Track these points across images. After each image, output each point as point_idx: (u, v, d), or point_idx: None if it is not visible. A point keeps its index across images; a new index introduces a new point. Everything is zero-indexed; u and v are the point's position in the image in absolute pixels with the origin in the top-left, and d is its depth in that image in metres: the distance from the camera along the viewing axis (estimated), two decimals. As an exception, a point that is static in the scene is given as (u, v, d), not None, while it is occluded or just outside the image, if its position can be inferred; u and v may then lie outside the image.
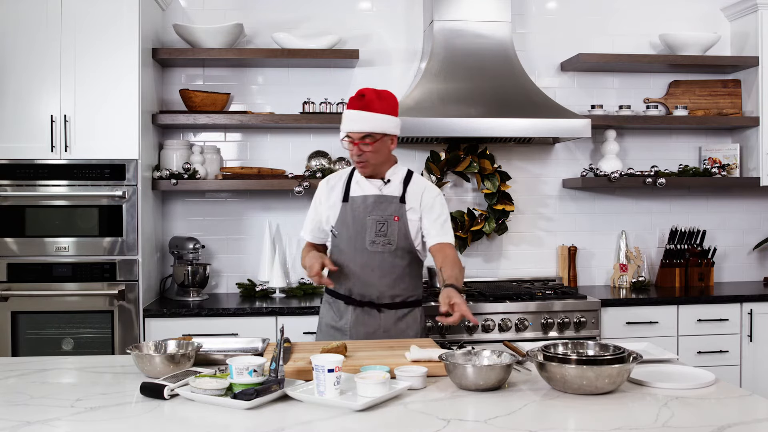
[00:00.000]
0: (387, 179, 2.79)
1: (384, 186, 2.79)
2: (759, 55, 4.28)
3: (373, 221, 2.74)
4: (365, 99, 2.67)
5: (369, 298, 2.78)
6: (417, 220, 2.77)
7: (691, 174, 4.33)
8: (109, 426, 1.83)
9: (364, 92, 2.68)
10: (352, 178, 2.84)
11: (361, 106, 2.66)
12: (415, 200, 2.77)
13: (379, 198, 2.76)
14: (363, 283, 2.77)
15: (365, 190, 2.79)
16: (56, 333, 3.62)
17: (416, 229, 2.77)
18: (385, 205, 2.76)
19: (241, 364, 2.01)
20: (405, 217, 2.76)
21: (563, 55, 4.40)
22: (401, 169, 2.84)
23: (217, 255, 4.25)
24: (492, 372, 2.07)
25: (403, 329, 2.80)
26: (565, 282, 4.37)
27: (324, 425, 1.84)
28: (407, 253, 2.78)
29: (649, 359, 2.39)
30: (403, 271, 2.79)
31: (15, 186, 3.60)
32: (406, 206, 2.76)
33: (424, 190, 2.80)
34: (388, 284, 2.77)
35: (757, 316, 3.94)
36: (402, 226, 2.75)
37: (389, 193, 2.77)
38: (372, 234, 2.74)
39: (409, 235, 2.76)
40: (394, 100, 2.74)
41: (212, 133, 4.27)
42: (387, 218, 2.74)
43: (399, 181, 2.80)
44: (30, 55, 3.60)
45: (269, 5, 4.28)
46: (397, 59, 4.35)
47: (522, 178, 4.43)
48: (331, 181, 2.90)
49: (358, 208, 2.77)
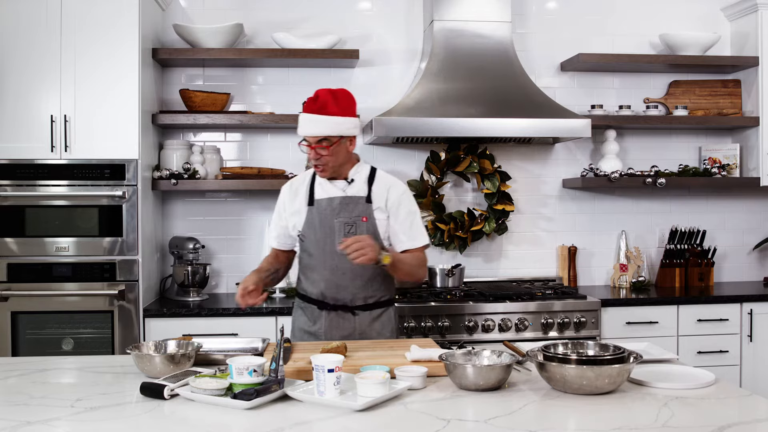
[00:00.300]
0: (350, 179, 2.75)
1: (348, 186, 2.74)
2: (759, 55, 4.28)
3: (340, 224, 2.70)
4: (319, 101, 2.62)
5: (342, 301, 2.76)
6: (385, 219, 2.73)
7: (691, 174, 4.33)
8: (109, 426, 1.83)
9: (318, 94, 2.65)
10: (315, 180, 2.80)
11: (316, 109, 2.62)
12: (381, 199, 2.73)
13: (344, 199, 2.72)
14: (335, 287, 2.74)
15: (329, 192, 2.75)
16: (56, 333, 3.62)
17: (384, 228, 2.74)
18: (352, 206, 2.72)
19: (241, 364, 2.01)
20: (373, 217, 2.72)
21: (563, 55, 4.40)
22: (364, 168, 2.80)
23: (217, 255, 4.25)
24: (492, 372, 2.07)
25: (379, 330, 2.79)
26: (565, 282, 4.37)
27: (324, 425, 1.84)
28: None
29: (649, 359, 2.39)
30: (375, 272, 2.75)
31: (15, 186, 3.60)
32: (373, 206, 2.72)
33: (389, 188, 2.76)
34: (361, 286, 2.75)
35: (757, 316, 3.94)
36: (370, 226, 2.71)
37: (354, 194, 2.73)
38: (341, 236, 2.68)
39: (378, 235, 2.72)
40: (351, 100, 2.70)
41: (212, 133, 4.27)
42: (355, 219, 2.70)
43: (363, 181, 2.76)
44: (30, 55, 3.60)
45: (269, 5, 4.28)
46: (397, 59, 4.35)
47: (522, 178, 4.43)
48: (294, 185, 2.85)
49: (324, 211, 2.72)
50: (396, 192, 2.76)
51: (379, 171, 2.82)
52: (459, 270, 4.12)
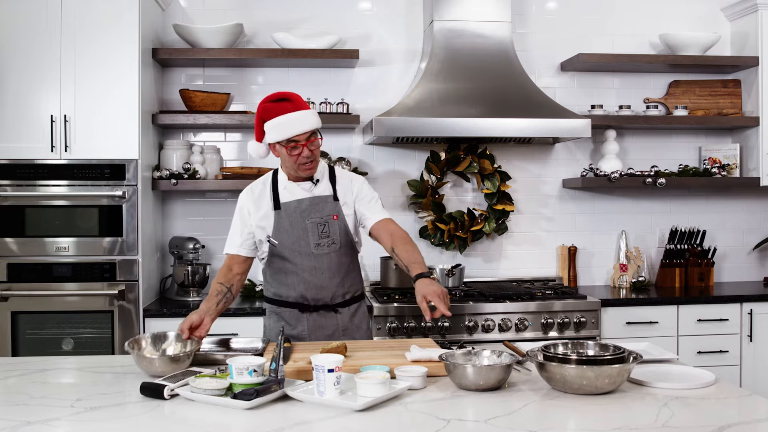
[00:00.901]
0: (316, 179, 2.74)
1: (314, 187, 2.74)
2: (759, 55, 4.28)
3: (313, 224, 2.71)
4: (294, 100, 2.62)
5: (323, 301, 2.77)
6: (352, 214, 2.77)
7: (691, 174, 4.33)
8: (109, 426, 1.83)
9: (282, 95, 2.63)
10: (278, 184, 2.77)
11: (294, 108, 2.62)
12: (347, 195, 2.77)
13: (313, 200, 2.73)
14: (315, 287, 2.75)
15: (296, 194, 2.74)
16: (56, 333, 3.62)
17: (353, 223, 2.78)
18: (321, 205, 2.73)
19: (241, 364, 2.02)
20: (342, 214, 2.74)
21: (563, 55, 4.40)
22: (324, 167, 2.81)
23: (217, 255, 4.25)
24: (492, 372, 2.07)
25: (358, 324, 2.84)
26: (565, 282, 4.37)
27: (324, 425, 1.84)
28: (350, 249, 2.80)
29: (649, 359, 2.39)
30: (349, 267, 2.80)
31: (15, 186, 3.60)
32: (341, 202, 2.75)
33: (351, 182, 2.80)
34: (339, 283, 2.77)
35: (757, 316, 3.94)
36: (341, 223, 2.74)
37: (321, 193, 2.74)
38: (315, 237, 2.71)
39: (349, 231, 2.76)
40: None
41: (212, 133, 4.27)
42: (326, 219, 2.72)
43: (326, 179, 2.78)
44: (30, 55, 3.60)
45: (269, 5, 4.28)
46: (397, 59, 4.35)
47: (522, 178, 4.43)
48: (256, 190, 2.80)
49: (293, 214, 2.72)
50: (357, 183, 2.81)
51: (337, 168, 2.85)
52: (459, 270, 4.12)
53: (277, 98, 2.64)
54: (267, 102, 2.67)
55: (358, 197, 2.78)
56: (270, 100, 2.66)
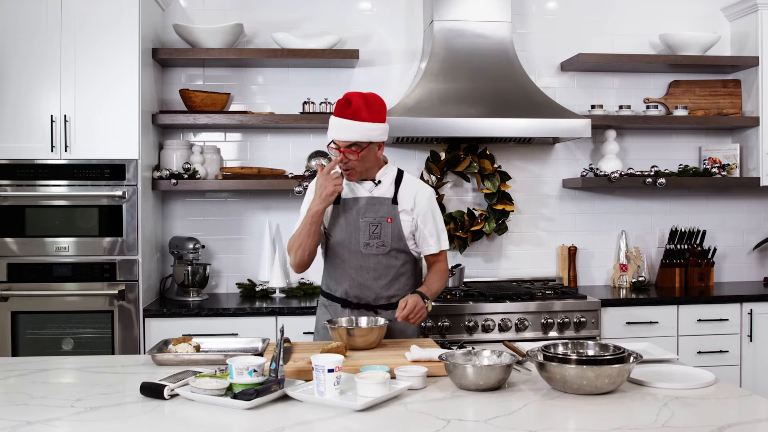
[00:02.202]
0: (378, 180, 2.76)
1: (375, 188, 2.76)
2: (759, 55, 4.28)
3: (366, 223, 2.72)
4: (353, 107, 2.60)
5: (365, 300, 2.77)
6: (410, 221, 2.75)
7: (691, 174, 4.33)
8: (109, 426, 1.83)
9: (351, 98, 2.62)
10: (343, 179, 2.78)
11: (349, 115, 2.60)
12: (408, 201, 2.75)
13: (370, 200, 2.74)
14: (359, 286, 2.76)
15: (356, 192, 2.76)
16: (56, 333, 3.62)
17: (409, 230, 2.75)
18: (378, 206, 2.73)
19: (241, 364, 2.02)
20: (398, 219, 2.73)
21: (563, 55, 4.40)
22: (392, 170, 2.81)
23: (217, 255, 4.25)
24: (492, 372, 2.07)
25: (402, 329, 2.80)
26: (565, 282, 4.37)
27: (324, 425, 1.84)
28: (401, 253, 2.77)
29: (649, 359, 2.39)
30: (398, 272, 2.78)
31: (15, 186, 3.60)
32: (399, 207, 2.74)
33: (417, 192, 2.78)
34: (384, 286, 2.76)
35: (757, 316, 3.94)
36: (395, 227, 2.73)
37: (380, 195, 2.75)
38: (365, 236, 2.71)
39: (402, 236, 2.74)
40: (382, 105, 2.68)
41: (212, 133, 4.27)
42: (380, 220, 2.72)
43: (390, 182, 2.77)
44: (30, 55, 3.60)
45: (269, 5, 4.28)
46: (397, 59, 4.35)
47: (522, 178, 4.43)
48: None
49: (350, 211, 2.74)
50: (424, 197, 2.79)
51: (406, 174, 2.84)
52: (459, 270, 4.12)
53: (345, 97, 2.63)
54: (339, 99, 2.66)
55: (421, 216, 2.76)
56: (341, 100, 2.64)
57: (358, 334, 2.48)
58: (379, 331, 2.52)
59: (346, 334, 2.47)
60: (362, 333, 2.49)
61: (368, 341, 2.49)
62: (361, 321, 2.65)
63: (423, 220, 2.77)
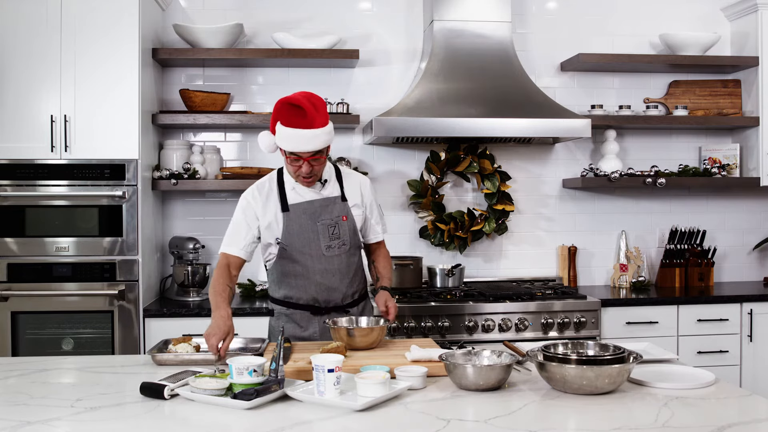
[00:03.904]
0: (324, 179, 2.72)
1: (323, 188, 2.73)
2: (759, 55, 4.28)
3: (323, 226, 2.70)
4: (308, 116, 2.50)
5: (334, 302, 2.77)
6: (360, 214, 2.80)
7: (691, 174, 4.33)
8: (109, 426, 1.83)
9: (300, 104, 2.50)
10: (284, 184, 2.73)
11: (307, 125, 2.50)
12: (356, 196, 2.79)
13: (323, 201, 2.71)
14: (326, 290, 2.74)
15: (305, 195, 2.70)
16: (56, 333, 3.62)
17: (360, 223, 2.81)
18: (331, 207, 2.72)
19: (241, 364, 2.02)
20: (351, 215, 2.76)
21: (563, 55, 4.40)
22: (330, 167, 2.79)
23: (217, 255, 4.23)
24: (492, 372, 2.07)
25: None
26: (565, 282, 4.37)
27: (324, 425, 1.84)
28: (357, 249, 2.82)
29: (649, 359, 2.39)
30: (357, 267, 2.83)
31: (15, 186, 3.60)
32: (349, 203, 2.76)
33: (360, 184, 2.82)
34: (348, 284, 2.79)
35: (757, 316, 3.94)
36: (350, 224, 2.75)
37: (329, 194, 2.74)
38: (326, 239, 2.70)
39: (357, 231, 2.80)
40: (324, 103, 2.62)
41: (212, 133, 4.27)
42: (336, 220, 2.72)
43: (334, 179, 2.77)
44: (30, 55, 3.60)
45: (269, 5, 4.28)
46: (397, 59, 4.35)
47: (522, 178, 4.43)
48: (263, 190, 2.74)
49: (303, 216, 2.69)
50: (367, 188, 2.85)
51: (342, 167, 2.86)
52: (459, 270, 4.12)
53: (291, 104, 2.52)
54: (285, 103, 2.54)
55: (368, 206, 2.83)
56: (288, 102, 2.53)
57: (359, 334, 2.48)
58: (380, 331, 2.53)
59: (347, 335, 2.47)
60: (363, 333, 2.49)
61: (369, 341, 2.49)
62: (361, 321, 2.66)
63: (370, 210, 2.84)
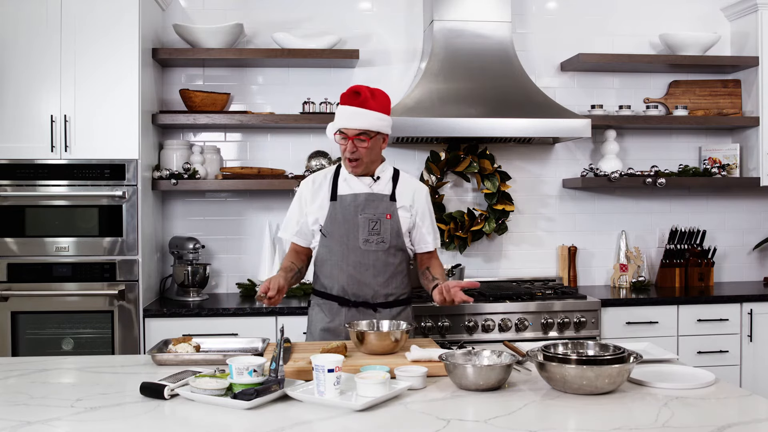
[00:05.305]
0: (377, 176, 2.76)
1: (374, 183, 2.76)
2: (759, 55, 4.28)
3: (365, 219, 2.72)
4: (362, 96, 2.65)
5: (363, 297, 2.76)
6: (408, 217, 2.77)
7: (691, 174, 4.33)
8: (109, 426, 1.83)
9: (359, 89, 2.66)
10: (339, 176, 2.80)
11: (358, 103, 2.64)
12: (406, 198, 2.77)
13: (370, 196, 2.74)
14: (357, 283, 2.75)
15: (354, 188, 2.75)
16: (56, 333, 3.62)
17: (407, 227, 2.77)
18: (377, 203, 2.74)
19: (241, 364, 2.02)
20: (396, 215, 2.74)
21: (563, 55, 4.40)
22: (388, 168, 2.83)
23: (217, 255, 4.25)
24: (492, 372, 2.07)
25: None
26: (565, 282, 4.37)
27: (324, 425, 1.84)
28: (399, 251, 2.78)
29: (649, 359, 2.39)
30: (396, 269, 2.79)
31: (15, 186, 3.60)
32: (397, 204, 2.75)
33: (415, 190, 2.81)
34: (382, 283, 2.76)
35: (757, 316, 3.94)
36: (394, 224, 2.74)
37: (379, 191, 2.76)
38: (365, 233, 2.71)
39: (401, 233, 2.76)
40: (387, 99, 2.74)
41: (212, 133, 4.27)
42: (379, 216, 2.72)
43: (388, 179, 2.79)
44: (30, 55, 3.60)
45: (269, 5, 4.28)
46: (397, 59, 4.35)
47: (522, 178, 4.43)
48: (317, 180, 2.84)
49: (348, 207, 2.73)
50: (422, 195, 2.83)
51: (402, 172, 2.87)
52: (459, 270, 4.12)
53: (353, 90, 2.67)
54: (347, 91, 2.69)
55: (420, 214, 2.80)
56: (349, 90, 2.68)
57: (376, 339, 2.39)
58: (399, 337, 2.41)
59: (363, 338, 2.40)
60: (380, 338, 2.40)
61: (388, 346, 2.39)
62: (382, 325, 2.54)
63: (421, 217, 2.81)
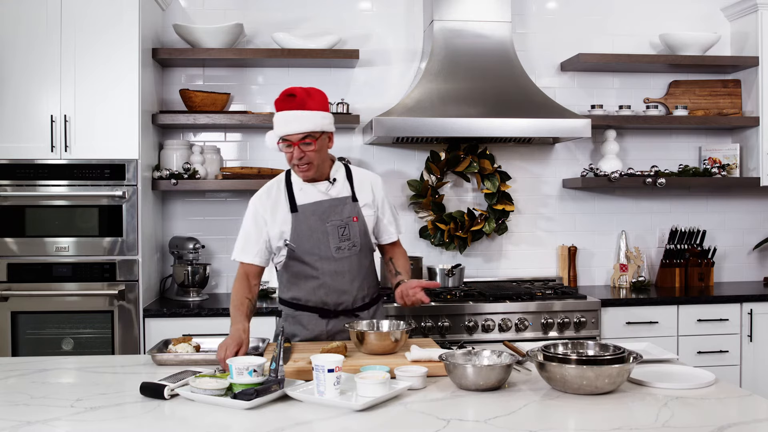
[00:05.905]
0: (333, 178, 2.68)
1: (331, 187, 2.68)
2: (759, 55, 4.28)
3: (333, 227, 2.64)
4: (298, 98, 2.53)
5: (344, 306, 2.71)
6: (372, 215, 2.73)
7: (691, 174, 4.33)
8: (109, 426, 1.83)
9: (293, 91, 2.55)
10: (292, 186, 2.69)
11: (296, 106, 2.53)
12: (366, 195, 2.72)
13: (333, 202, 2.66)
14: (337, 292, 2.68)
15: (312, 196, 2.66)
16: (56, 333, 3.62)
17: (372, 224, 2.74)
18: (340, 207, 2.67)
19: (241, 364, 2.02)
20: (362, 215, 2.69)
21: (563, 55, 4.40)
22: (340, 167, 2.75)
23: (217, 255, 4.25)
24: (492, 372, 2.07)
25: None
26: (565, 282, 4.37)
27: (324, 425, 1.84)
28: (369, 251, 2.76)
29: (649, 359, 2.39)
30: (368, 270, 2.76)
31: (15, 186, 3.60)
32: (360, 203, 2.70)
33: (371, 184, 2.76)
34: (359, 287, 2.72)
35: (757, 316, 3.94)
36: (361, 225, 2.69)
37: (339, 195, 2.68)
38: (335, 240, 2.64)
39: (368, 232, 2.72)
40: (324, 97, 2.63)
41: (212, 133, 4.27)
42: (347, 221, 2.66)
43: (343, 179, 2.71)
44: (30, 55, 3.60)
45: (269, 5, 4.28)
46: (397, 59, 4.35)
47: (522, 178, 4.43)
48: (271, 193, 2.71)
49: (312, 217, 2.65)
50: (378, 187, 2.78)
51: (352, 166, 2.81)
52: (459, 270, 4.12)
53: (286, 93, 2.57)
54: (280, 96, 2.60)
55: (380, 206, 2.76)
56: (282, 94, 2.59)
57: (377, 339, 2.40)
58: (399, 336, 2.42)
59: (363, 338, 2.40)
60: (381, 338, 2.41)
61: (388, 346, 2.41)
62: (382, 325, 2.54)
63: (382, 210, 2.77)
